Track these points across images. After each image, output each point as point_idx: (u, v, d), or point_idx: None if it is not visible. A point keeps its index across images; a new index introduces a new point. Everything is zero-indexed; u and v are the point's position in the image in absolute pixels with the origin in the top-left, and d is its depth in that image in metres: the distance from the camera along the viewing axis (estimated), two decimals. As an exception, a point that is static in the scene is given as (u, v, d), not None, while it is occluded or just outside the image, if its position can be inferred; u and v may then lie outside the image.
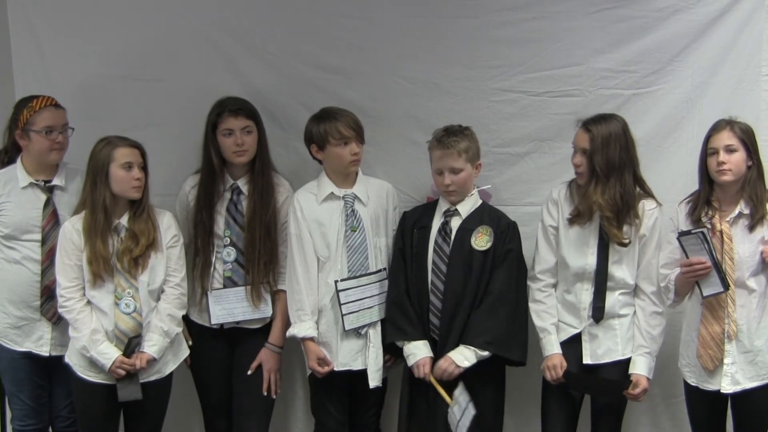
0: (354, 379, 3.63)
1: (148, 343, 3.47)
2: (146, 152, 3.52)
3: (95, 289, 3.45)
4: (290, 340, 3.67)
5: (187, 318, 3.70)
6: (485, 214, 3.58)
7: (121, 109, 3.95)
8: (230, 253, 3.68)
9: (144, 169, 3.49)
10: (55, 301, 3.54)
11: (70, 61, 3.98)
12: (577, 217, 3.48)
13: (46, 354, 3.65)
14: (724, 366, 3.32)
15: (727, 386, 3.34)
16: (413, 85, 3.89)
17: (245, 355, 3.71)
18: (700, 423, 3.51)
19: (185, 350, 3.66)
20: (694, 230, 3.28)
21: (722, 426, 3.49)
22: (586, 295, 3.50)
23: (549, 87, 3.83)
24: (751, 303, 3.34)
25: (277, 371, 3.71)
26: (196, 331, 3.74)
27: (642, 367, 3.46)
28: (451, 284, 3.50)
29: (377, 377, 3.59)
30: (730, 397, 3.39)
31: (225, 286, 3.67)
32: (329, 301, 3.60)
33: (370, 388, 3.58)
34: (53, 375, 3.72)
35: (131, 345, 3.44)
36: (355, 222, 3.61)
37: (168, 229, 3.57)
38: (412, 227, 3.61)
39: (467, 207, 3.58)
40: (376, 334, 3.62)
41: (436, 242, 3.56)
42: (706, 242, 3.24)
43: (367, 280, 3.60)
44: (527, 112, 3.85)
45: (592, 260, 3.48)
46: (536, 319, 3.55)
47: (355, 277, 3.58)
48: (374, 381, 3.58)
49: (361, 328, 3.59)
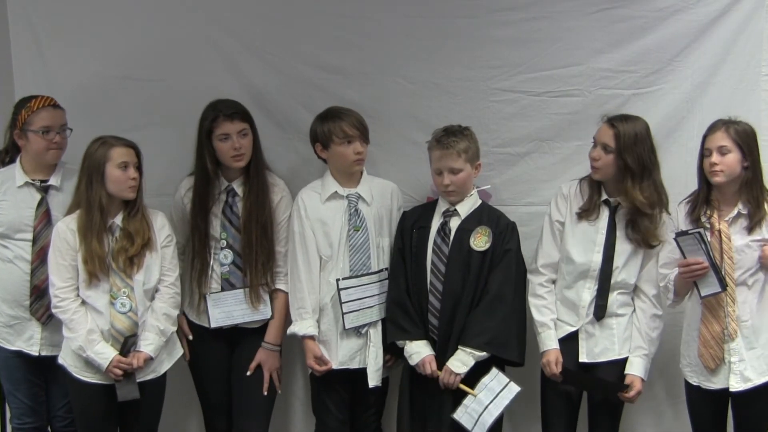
0: (355, 378, 3.63)
1: (144, 342, 3.47)
2: (141, 152, 3.52)
3: (90, 289, 3.44)
4: (290, 338, 3.67)
5: (185, 316, 3.72)
6: (484, 215, 3.57)
7: (121, 109, 3.95)
8: (227, 255, 3.67)
9: (138, 168, 3.50)
10: (45, 301, 3.54)
11: (70, 61, 3.98)
12: (586, 212, 3.48)
13: (36, 354, 3.65)
14: (732, 364, 3.31)
15: (736, 384, 3.32)
16: (413, 85, 3.89)
17: (244, 355, 3.71)
18: (702, 423, 3.50)
19: (179, 349, 3.66)
20: (691, 231, 3.28)
21: (723, 426, 3.48)
22: (588, 293, 3.50)
23: (549, 87, 3.83)
24: (752, 299, 3.33)
25: (277, 369, 3.71)
26: (195, 331, 3.74)
27: (638, 368, 3.46)
28: (449, 284, 3.49)
29: (377, 377, 3.60)
30: (732, 397, 3.38)
31: (223, 289, 3.67)
32: (330, 299, 3.60)
33: (369, 388, 3.58)
34: (48, 375, 3.72)
35: (127, 344, 3.44)
36: (358, 221, 3.61)
37: (161, 229, 3.57)
38: (411, 227, 3.61)
39: (466, 207, 3.58)
40: (377, 334, 3.62)
41: (435, 242, 3.55)
42: (703, 242, 3.24)
43: (369, 279, 3.60)
44: (527, 112, 3.85)
45: (597, 258, 3.48)
46: (536, 314, 3.55)
47: (357, 276, 3.59)
48: (374, 380, 3.59)
49: (362, 327, 3.60)
